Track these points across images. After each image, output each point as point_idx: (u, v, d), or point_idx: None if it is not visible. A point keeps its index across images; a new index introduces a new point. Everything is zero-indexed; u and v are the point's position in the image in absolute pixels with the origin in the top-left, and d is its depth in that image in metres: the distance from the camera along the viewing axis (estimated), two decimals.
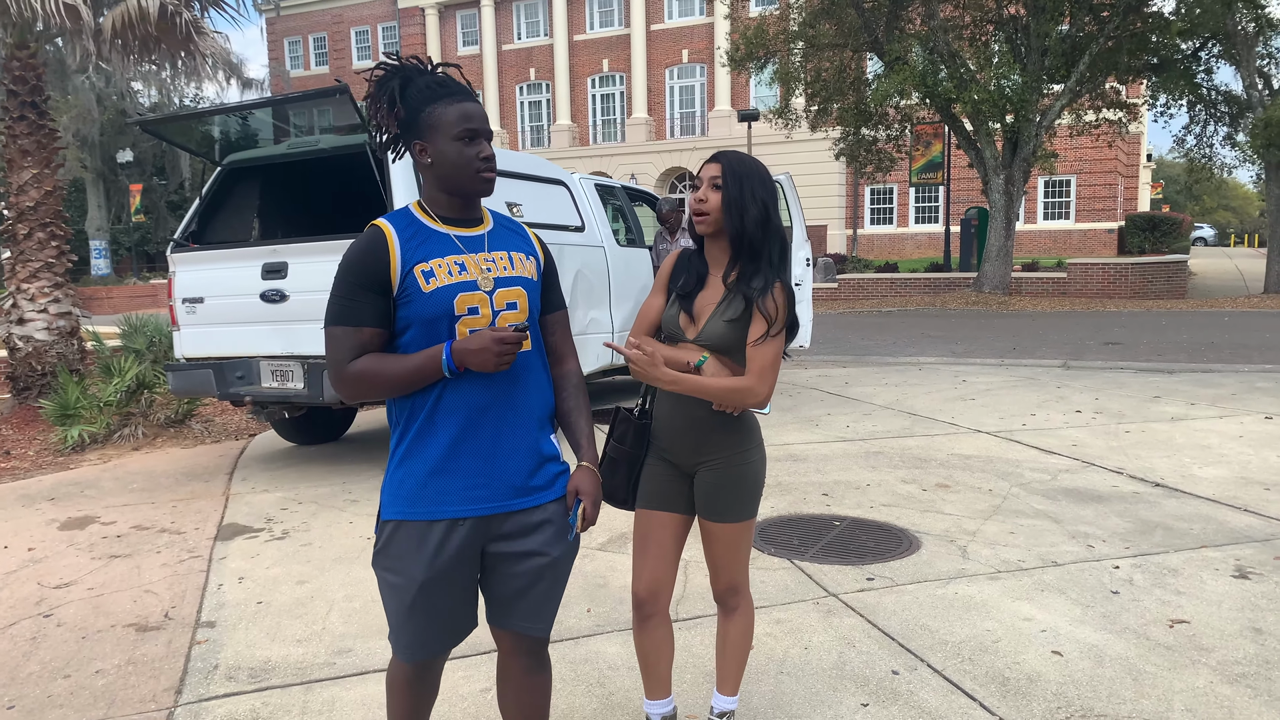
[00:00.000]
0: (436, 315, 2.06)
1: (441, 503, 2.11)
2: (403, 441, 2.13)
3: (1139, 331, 13.96)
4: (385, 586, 2.17)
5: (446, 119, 2.06)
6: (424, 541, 2.10)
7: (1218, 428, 7.27)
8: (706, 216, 2.51)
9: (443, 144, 2.07)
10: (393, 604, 2.16)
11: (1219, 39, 19.75)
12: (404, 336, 2.09)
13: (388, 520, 2.15)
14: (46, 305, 8.78)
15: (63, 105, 28.97)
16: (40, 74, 8.97)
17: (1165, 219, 32.74)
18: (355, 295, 2.05)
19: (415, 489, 2.11)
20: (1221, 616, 3.72)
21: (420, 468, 2.10)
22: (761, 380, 2.46)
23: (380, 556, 2.16)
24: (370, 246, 2.06)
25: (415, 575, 2.11)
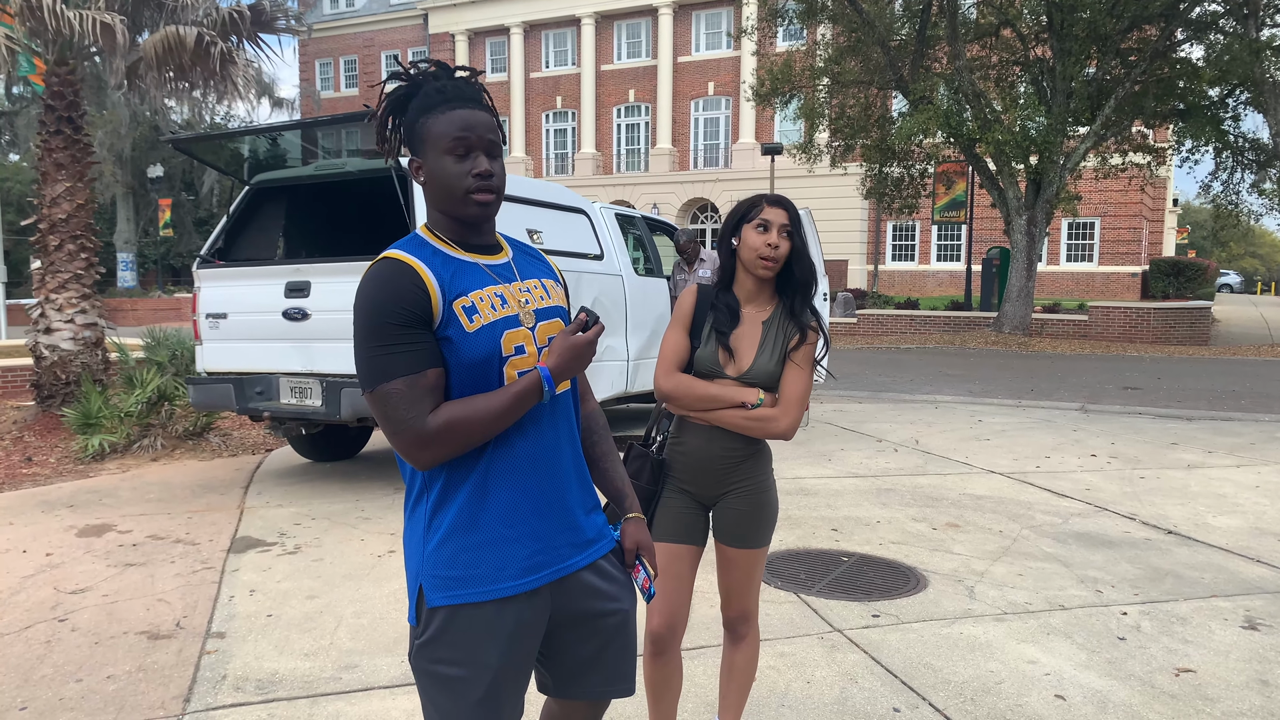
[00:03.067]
0: (484, 357, 1.75)
1: (507, 576, 1.79)
2: (443, 512, 1.78)
3: (1159, 377, 13.89)
4: (437, 683, 1.79)
5: (437, 130, 1.76)
6: (496, 624, 1.78)
7: (1234, 477, 7.23)
8: (777, 262, 2.57)
9: (433, 159, 1.77)
10: (449, 702, 1.79)
11: (1247, 86, 19.74)
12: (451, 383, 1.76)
13: (439, 607, 1.77)
14: (73, 316, 8.92)
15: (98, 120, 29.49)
16: (78, 90, 9.17)
17: (1190, 264, 32.59)
18: (400, 338, 1.69)
19: (469, 565, 1.77)
20: (1228, 667, 3.70)
21: (475, 539, 1.78)
22: (786, 411, 2.55)
23: (429, 649, 1.78)
24: (396, 278, 1.71)
25: (490, 663, 1.78)
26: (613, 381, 7.85)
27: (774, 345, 2.58)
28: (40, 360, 8.90)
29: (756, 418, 2.53)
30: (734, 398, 2.54)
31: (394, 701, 3.35)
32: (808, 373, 2.57)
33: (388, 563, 4.97)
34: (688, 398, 2.59)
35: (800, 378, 2.56)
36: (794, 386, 2.55)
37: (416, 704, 3.32)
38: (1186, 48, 21.14)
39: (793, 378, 2.56)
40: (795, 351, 2.57)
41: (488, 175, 1.77)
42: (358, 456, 8.00)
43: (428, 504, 1.80)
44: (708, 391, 2.56)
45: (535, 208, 7.17)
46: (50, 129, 9.00)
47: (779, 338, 2.58)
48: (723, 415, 2.56)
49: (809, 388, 2.58)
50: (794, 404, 2.54)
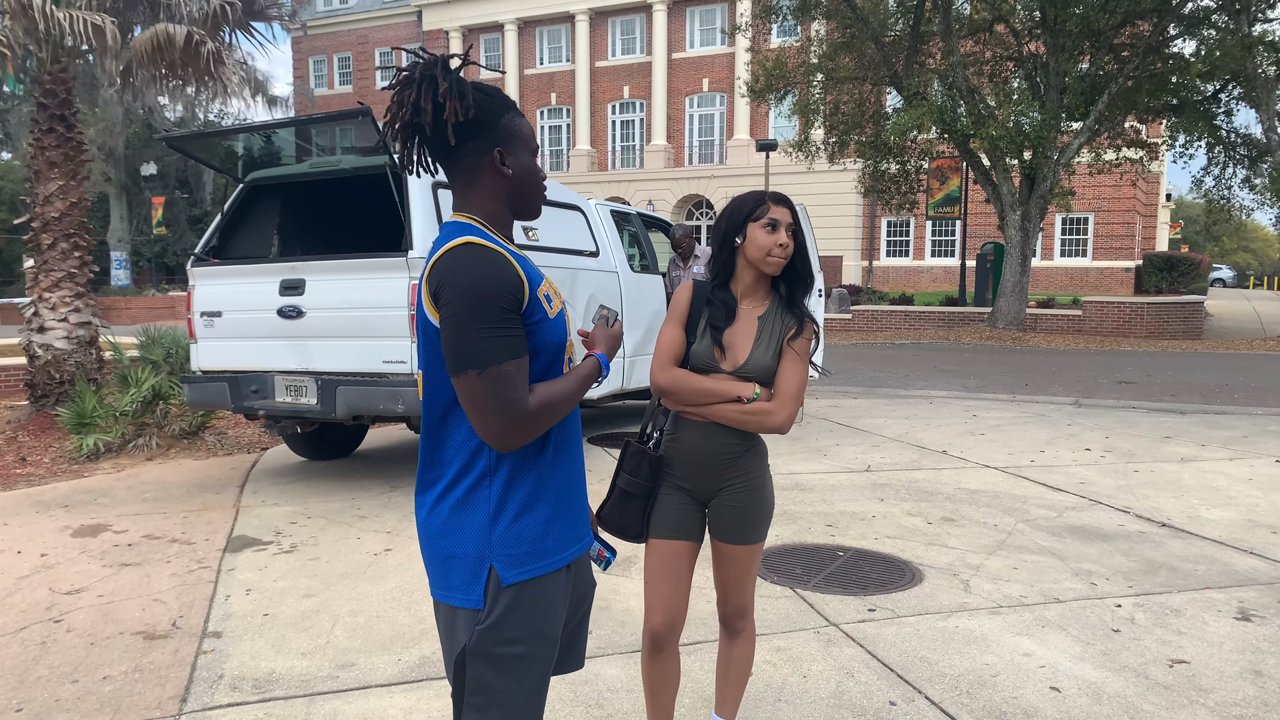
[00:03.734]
0: (561, 341, 1.88)
1: (565, 545, 1.91)
2: (515, 491, 1.84)
3: (1153, 371, 13.93)
4: (499, 667, 1.82)
5: (525, 131, 1.90)
6: (559, 595, 1.89)
7: (1227, 470, 7.26)
8: (785, 261, 2.61)
9: (525, 157, 1.89)
10: (510, 684, 1.83)
11: (1239, 82, 19.79)
12: (532, 368, 1.83)
13: (511, 585, 1.82)
14: (67, 314, 8.91)
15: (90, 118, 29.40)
16: (70, 88, 9.15)
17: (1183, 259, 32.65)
18: (510, 322, 1.76)
19: (541, 539, 1.86)
20: (1222, 658, 3.72)
21: (545, 514, 1.86)
22: (782, 405, 2.56)
23: (495, 631, 1.81)
24: (504, 267, 1.77)
25: (554, 635, 1.89)
26: (608, 378, 7.85)
27: (770, 339, 2.58)
28: (34, 359, 8.88)
29: (752, 411, 2.54)
30: (729, 392, 2.55)
31: (391, 700, 3.36)
32: (803, 365, 2.57)
33: (384, 561, 4.97)
34: (684, 392, 2.59)
35: (796, 371, 2.56)
36: (789, 380, 2.56)
37: (413, 702, 3.33)
38: (1179, 43, 21.17)
39: (789, 371, 2.56)
40: (792, 343, 2.57)
41: (544, 178, 1.99)
42: (353, 455, 8.00)
43: (493, 486, 1.82)
44: (703, 386, 2.57)
45: None
46: (43, 127, 8.98)
47: (775, 332, 2.59)
48: (718, 410, 2.56)
49: (805, 381, 2.59)
50: (789, 397, 2.55)
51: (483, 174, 1.87)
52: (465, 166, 1.87)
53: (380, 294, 5.85)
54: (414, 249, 5.76)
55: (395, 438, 8.81)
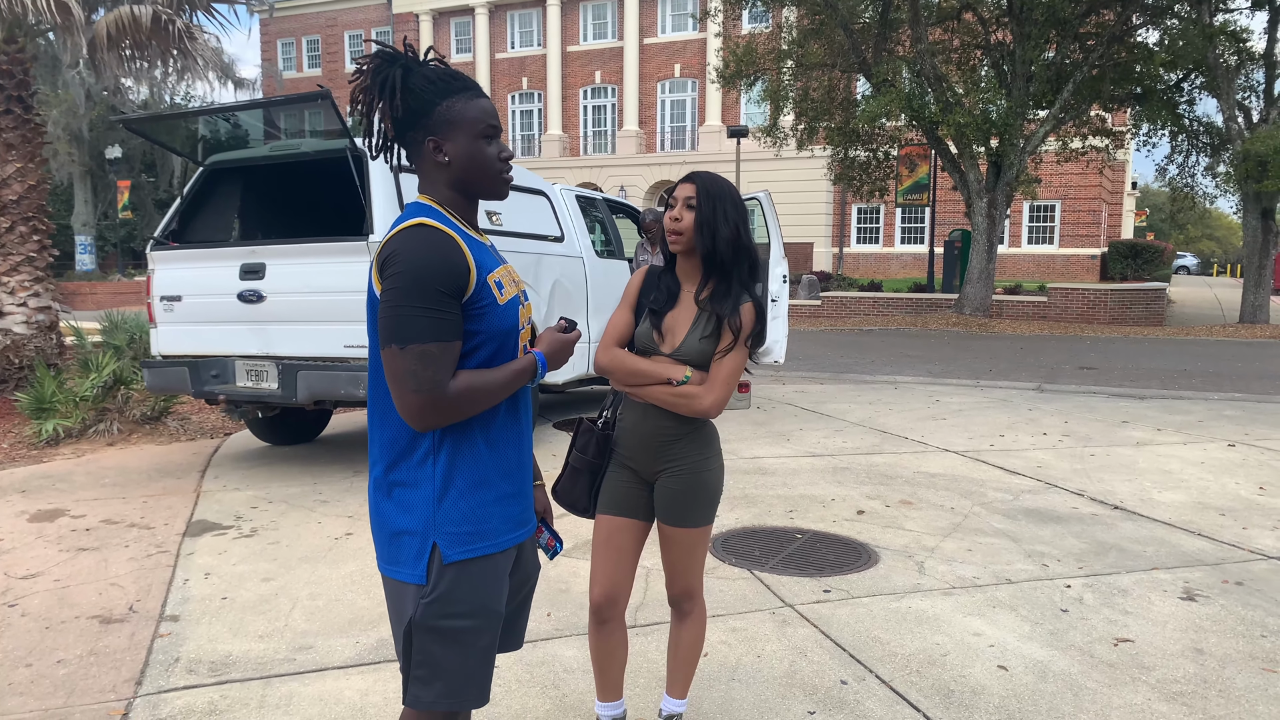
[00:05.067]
0: (511, 327, 1.91)
1: (509, 529, 1.96)
2: (457, 470, 1.88)
3: (1114, 357, 14.13)
4: (445, 639, 1.88)
5: (469, 115, 1.88)
6: (502, 573, 1.95)
7: (1181, 453, 7.40)
8: (680, 236, 2.60)
9: (465, 142, 1.89)
10: (456, 654, 1.89)
11: (1201, 71, 20.04)
12: (476, 354, 1.87)
13: (453, 563, 1.87)
14: (26, 299, 8.80)
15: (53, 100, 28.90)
16: (28, 68, 9.01)
17: (1148, 247, 33.11)
18: (445, 305, 1.78)
19: (483, 520, 1.90)
20: (1165, 636, 3.81)
21: (488, 495, 1.91)
22: (710, 390, 2.57)
23: (440, 604, 1.86)
24: (449, 251, 1.80)
25: (498, 610, 1.95)
26: (574, 364, 7.86)
27: (705, 325, 2.61)
28: None
29: (681, 394, 2.57)
30: (661, 374, 2.59)
31: (348, 681, 3.37)
32: (732, 353, 2.60)
33: (345, 545, 4.98)
34: (620, 371, 2.65)
35: (725, 358, 2.59)
36: (719, 366, 2.59)
37: (370, 683, 3.35)
38: (1143, 33, 21.39)
39: (715, 361, 2.59)
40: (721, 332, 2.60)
41: (511, 157, 1.96)
42: (316, 440, 7.97)
43: (437, 465, 1.87)
44: (637, 366, 2.62)
45: None
46: (0, 108, 8.83)
47: (714, 318, 2.62)
48: (652, 391, 2.60)
49: (735, 368, 2.60)
50: (718, 383, 2.58)
51: (425, 162, 1.92)
52: (412, 154, 1.94)
53: (341, 278, 5.82)
54: (375, 233, 5.74)
55: (358, 423, 8.78)
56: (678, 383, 2.57)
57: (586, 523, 5.08)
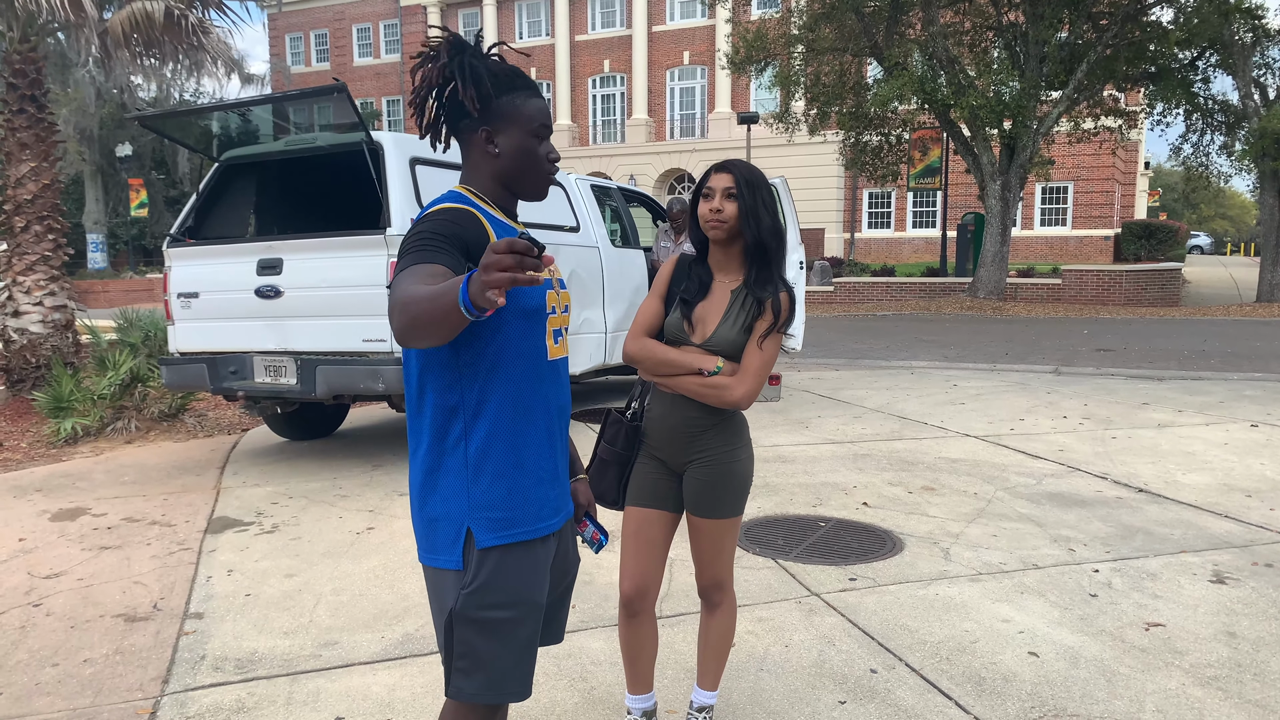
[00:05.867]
0: (536, 308, 1.88)
1: (546, 515, 1.94)
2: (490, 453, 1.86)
3: (1131, 339, 14.03)
4: (486, 630, 1.86)
5: (526, 112, 1.91)
6: (541, 561, 1.92)
7: (1203, 435, 7.33)
8: (723, 225, 2.56)
9: (520, 137, 1.91)
10: (498, 647, 1.87)
11: (1216, 49, 19.84)
12: (501, 332, 1.83)
13: (491, 548, 1.85)
14: (42, 298, 8.81)
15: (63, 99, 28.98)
16: (41, 68, 9.00)
17: (1161, 227, 32.82)
18: (440, 244, 1.74)
19: (518, 505, 1.89)
20: (1197, 620, 3.77)
21: (523, 480, 1.89)
22: (742, 381, 2.53)
23: (480, 594, 1.85)
24: (461, 215, 1.82)
25: (539, 600, 1.92)
26: (590, 354, 7.84)
27: (738, 315, 2.58)
28: (9, 344, 8.79)
29: (711, 385, 2.54)
30: (692, 364, 2.56)
31: (374, 677, 3.36)
32: (767, 343, 2.56)
33: (366, 539, 4.97)
34: (649, 361, 2.62)
35: (756, 350, 2.55)
36: (751, 357, 2.55)
37: (397, 678, 3.34)
38: (1157, 11, 21.17)
39: (750, 349, 2.56)
40: (754, 325, 2.57)
41: (557, 160, 1.99)
42: (334, 434, 7.98)
43: (469, 450, 1.86)
44: (667, 356, 2.59)
45: None
46: (13, 108, 8.84)
47: (745, 308, 2.58)
48: (681, 381, 2.57)
49: (768, 360, 2.56)
50: (750, 374, 2.54)
51: (474, 151, 1.94)
52: (462, 143, 1.96)
53: (359, 272, 5.81)
54: (392, 226, 5.72)
55: (377, 417, 8.78)
56: (709, 373, 2.54)
57: (610, 513, 5.07)
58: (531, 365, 1.89)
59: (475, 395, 1.85)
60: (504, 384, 1.85)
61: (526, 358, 1.88)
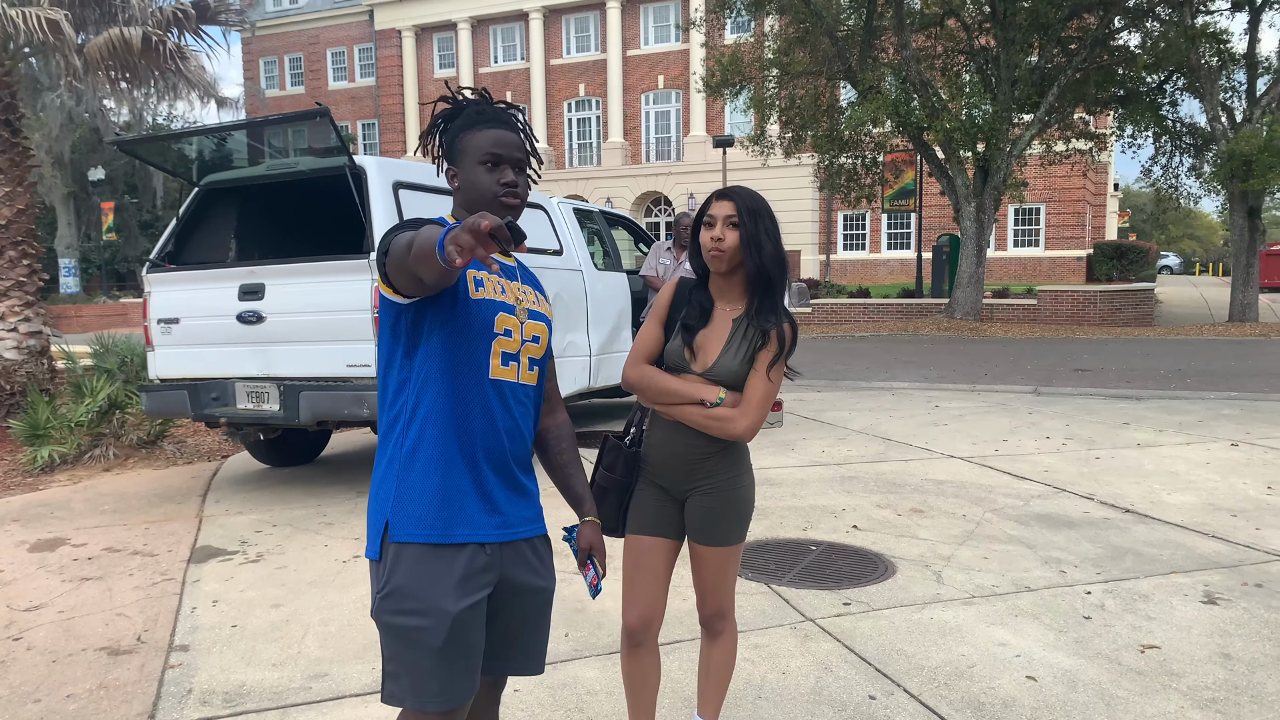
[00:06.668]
0: (477, 326, 1.98)
1: (467, 523, 1.97)
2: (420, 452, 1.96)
3: (1108, 358, 14.16)
4: (400, 637, 1.93)
5: (474, 144, 2.04)
6: (453, 568, 1.94)
7: (1185, 454, 7.39)
8: (724, 255, 2.52)
9: (468, 168, 2.04)
10: (412, 654, 1.92)
11: (1184, 73, 20.19)
12: (433, 342, 1.95)
13: (403, 545, 1.93)
14: (17, 324, 8.70)
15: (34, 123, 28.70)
16: (15, 91, 8.92)
17: (1132, 247, 33.28)
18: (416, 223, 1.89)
19: (438, 507, 1.95)
20: (1191, 642, 3.78)
21: (452, 483, 1.96)
22: (745, 413, 2.51)
23: (391, 600, 1.93)
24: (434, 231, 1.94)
25: (448, 609, 1.91)
26: (575, 377, 7.81)
27: (740, 344, 2.54)
28: None
29: (714, 417, 2.51)
30: (694, 394, 2.52)
31: (366, 710, 3.30)
32: (770, 373, 2.53)
33: (353, 568, 4.90)
34: (650, 390, 2.58)
35: (761, 381, 2.52)
36: (754, 389, 2.52)
37: (388, 712, 3.28)
38: (1125, 35, 21.54)
39: (754, 380, 2.52)
40: (758, 355, 2.53)
41: (513, 185, 2.05)
42: (317, 460, 7.88)
43: (405, 443, 1.98)
44: (669, 385, 2.55)
45: None
46: None
47: (747, 337, 2.55)
48: (683, 411, 2.54)
49: (772, 391, 2.53)
50: (753, 406, 2.51)
51: (449, 185, 2.12)
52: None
53: (342, 296, 5.76)
54: (375, 250, 5.67)
55: (359, 442, 8.70)
56: (711, 404, 2.51)
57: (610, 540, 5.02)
58: (469, 381, 1.98)
59: (413, 401, 1.98)
60: (436, 395, 1.96)
61: (462, 374, 1.97)
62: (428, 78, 43.15)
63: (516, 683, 3.46)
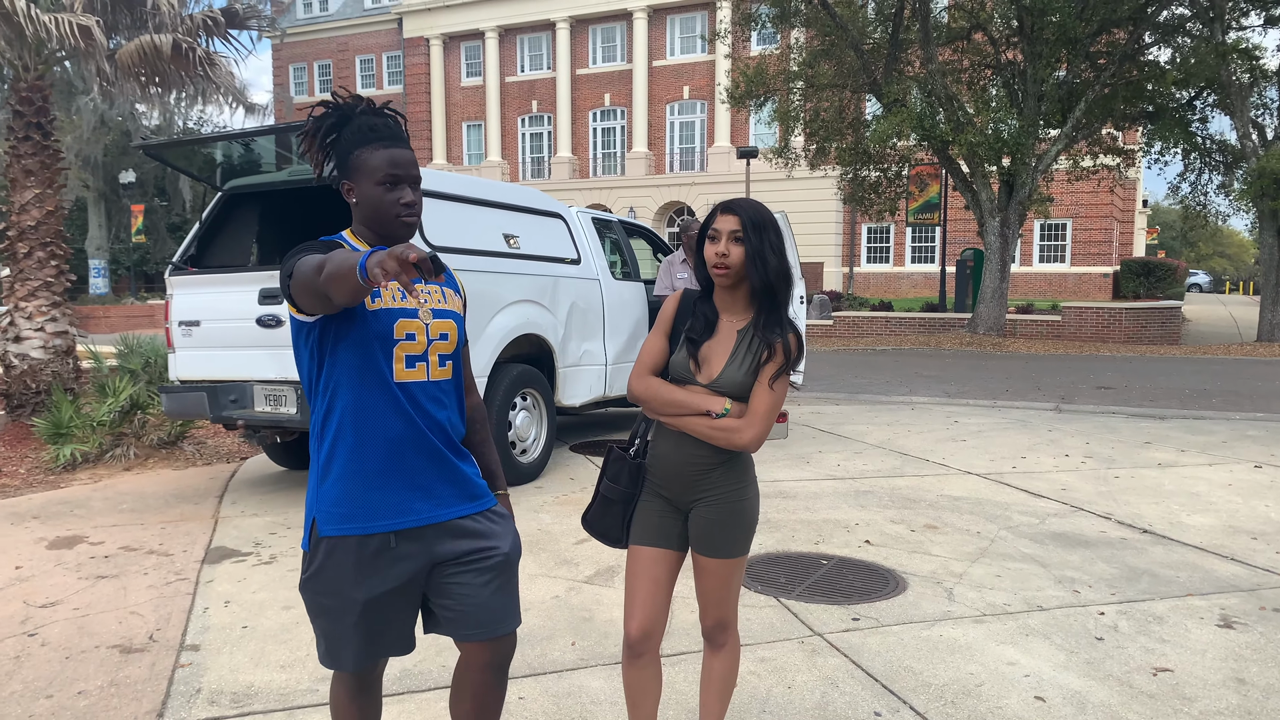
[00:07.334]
0: (376, 336, 2.12)
1: (380, 515, 2.17)
2: (335, 459, 2.17)
3: (1132, 376, 14.03)
4: (319, 611, 2.22)
5: (371, 164, 2.13)
6: (365, 559, 2.16)
7: (1207, 475, 7.30)
8: (729, 271, 2.52)
9: (367, 187, 2.14)
10: (330, 624, 2.22)
11: (1214, 89, 20.01)
12: (336, 354, 2.13)
13: (325, 538, 2.17)
14: (43, 324, 8.81)
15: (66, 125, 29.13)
16: (47, 95, 9.06)
17: (1160, 265, 32.97)
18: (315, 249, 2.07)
19: (354, 504, 2.16)
20: (1205, 666, 3.73)
21: (360, 481, 2.16)
22: (750, 424, 2.50)
23: (311, 582, 2.20)
24: (331, 244, 2.13)
25: (356, 597, 2.17)
26: (591, 386, 7.83)
27: (745, 355, 2.54)
28: (9, 369, 8.77)
29: (720, 428, 2.51)
30: (699, 405, 2.52)
31: None
32: (776, 385, 2.53)
33: None
34: (655, 401, 2.59)
35: (765, 392, 2.52)
36: (759, 400, 2.52)
37: (394, 714, 3.29)
38: (1155, 51, 21.39)
39: (758, 392, 2.52)
40: (763, 367, 2.54)
41: (411, 204, 2.17)
42: None
43: (321, 450, 2.19)
44: (673, 397, 2.56)
45: (511, 212, 7.14)
46: (19, 135, 8.88)
47: (752, 348, 2.55)
48: (689, 422, 2.54)
49: (777, 402, 2.53)
50: (758, 416, 2.51)
51: (347, 200, 2.22)
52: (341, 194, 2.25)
53: None
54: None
55: None
56: (717, 415, 2.51)
57: (609, 549, 5.03)
58: (374, 387, 2.14)
59: (325, 410, 2.18)
60: (346, 401, 2.14)
61: (367, 381, 2.13)
62: (455, 86, 43.46)
63: (521, 690, 3.46)
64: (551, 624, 4.14)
